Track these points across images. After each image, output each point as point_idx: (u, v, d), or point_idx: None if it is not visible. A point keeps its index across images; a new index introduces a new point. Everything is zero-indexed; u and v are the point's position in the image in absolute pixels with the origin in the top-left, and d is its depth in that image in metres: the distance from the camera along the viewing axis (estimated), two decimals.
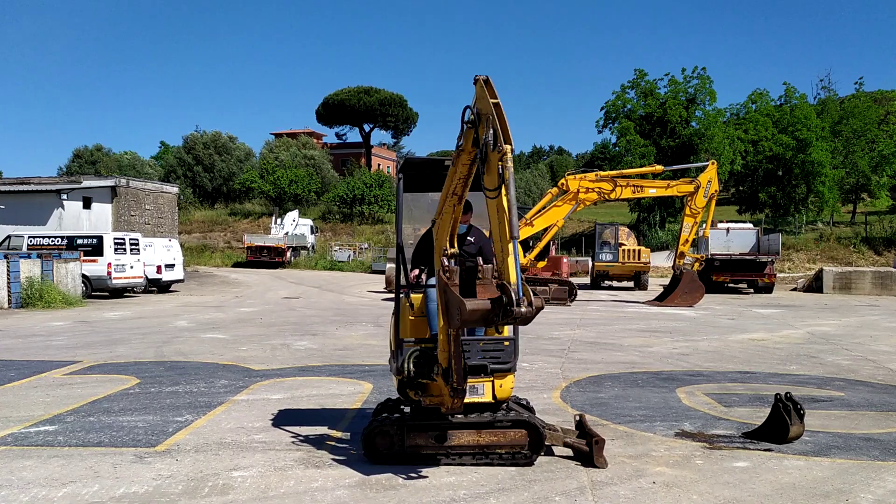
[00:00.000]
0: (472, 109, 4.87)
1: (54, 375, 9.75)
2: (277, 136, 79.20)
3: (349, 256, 44.90)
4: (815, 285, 30.06)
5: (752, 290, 28.77)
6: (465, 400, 5.59)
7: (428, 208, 6.91)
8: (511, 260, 4.53)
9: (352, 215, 56.82)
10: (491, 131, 4.59)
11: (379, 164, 76.48)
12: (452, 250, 5.43)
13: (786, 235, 39.91)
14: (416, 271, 6.12)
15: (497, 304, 4.51)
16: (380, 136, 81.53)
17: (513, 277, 4.50)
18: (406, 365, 5.63)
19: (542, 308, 4.56)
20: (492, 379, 5.70)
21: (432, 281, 6.03)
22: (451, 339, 5.24)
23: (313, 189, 60.49)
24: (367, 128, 76.42)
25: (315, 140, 78.01)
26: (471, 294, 4.86)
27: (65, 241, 23.38)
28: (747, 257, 28.30)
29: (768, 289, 28.17)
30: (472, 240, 6.32)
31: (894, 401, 8.48)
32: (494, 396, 5.73)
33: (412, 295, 6.07)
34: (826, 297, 26.92)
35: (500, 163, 4.51)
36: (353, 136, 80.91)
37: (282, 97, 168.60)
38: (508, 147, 4.52)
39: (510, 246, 4.51)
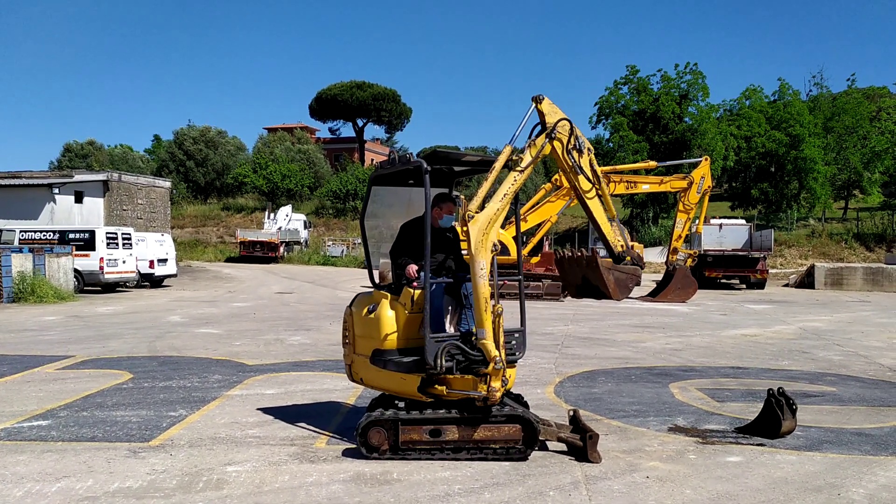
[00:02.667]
0: (550, 126, 5.84)
1: (47, 370, 9.72)
2: (271, 130, 78.96)
3: (342, 251, 44.85)
4: (806, 281, 30.19)
5: (744, 286, 28.89)
6: (466, 395, 5.67)
7: (405, 202, 6.90)
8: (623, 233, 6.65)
9: (345, 210, 56.73)
10: (578, 140, 5.87)
11: (372, 159, 76.30)
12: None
13: (778, 231, 40.06)
14: (415, 266, 6.05)
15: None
16: (373, 131, 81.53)
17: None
18: (439, 360, 5.55)
19: None
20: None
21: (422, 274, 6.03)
22: (501, 329, 5.56)
23: (306, 184, 60.39)
24: (360, 123, 76.27)
25: (309, 135, 77.85)
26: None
27: (56, 236, 23.29)
28: (740, 253, 28.41)
29: (760, 285, 28.29)
30: (451, 236, 6.39)
31: (885, 396, 8.54)
32: (488, 390, 5.75)
33: (407, 290, 6.01)
34: (818, 293, 27.05)
35: (591, 163, 6.03)
36: (347, 130, 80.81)
37: (275, 92, 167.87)
38: (592, 149, 5.96)
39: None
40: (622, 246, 6.07)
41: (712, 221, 30.43)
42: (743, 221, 33.94)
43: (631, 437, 6.56)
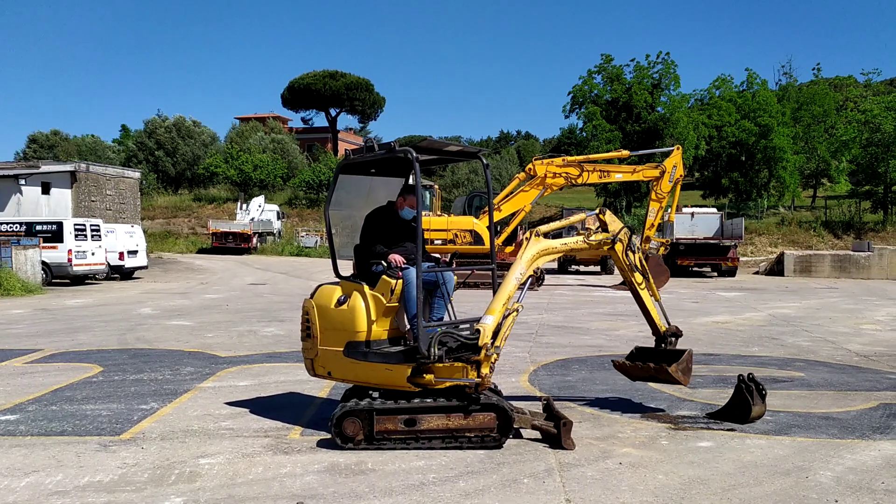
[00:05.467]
0: (614, 233, 6.96)
1: (14, 364, 9.55)
2: (243, 120, 78.11)
3: (316, 242, 44.53)
4: (776, 269, 30.65)
5: (715, 274, 29.24)
6: (457, 382, 5.72)
7: (365, 192, 6.87)
8: None
9: (318, 201, 56.32)
10: (632, 242, 7.03)
11: (346, 149, 75.53)
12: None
13: (748, 220, 40.59)
14: (399, 256, 6.03)
15: None
16: (346, 120, 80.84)
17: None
18: (433, 349, 5.55)
19: None
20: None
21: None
22: (510, 326, 5.87)
23: (279, 174, 59.85)
24: (333, 112, 75.69)
25: (281, 124, 77.15)
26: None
27: (23, 228, 22.85)
28: (711, 241, 28.72)
29: (731, 272, 28.65)
30: (414, 226, 6.40)
31: (852, 380, 8.70)
32: (479, 376, 5.81)
33: (386, 280, 5.97)
34: (787, 280, 27.47)
35: (640, 260, 7.20)
36: (320, 120, 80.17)
37: (247, 81, 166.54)
38: (640, 248, 7.29)
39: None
40: (665, 326, 7.23)
41: (684, 210, 30.74)
42: (714, 210, 34.31)
43: (604, 424, 6.62)
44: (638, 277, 7.09)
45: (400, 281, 5.90)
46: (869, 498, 4.80)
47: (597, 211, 7.13)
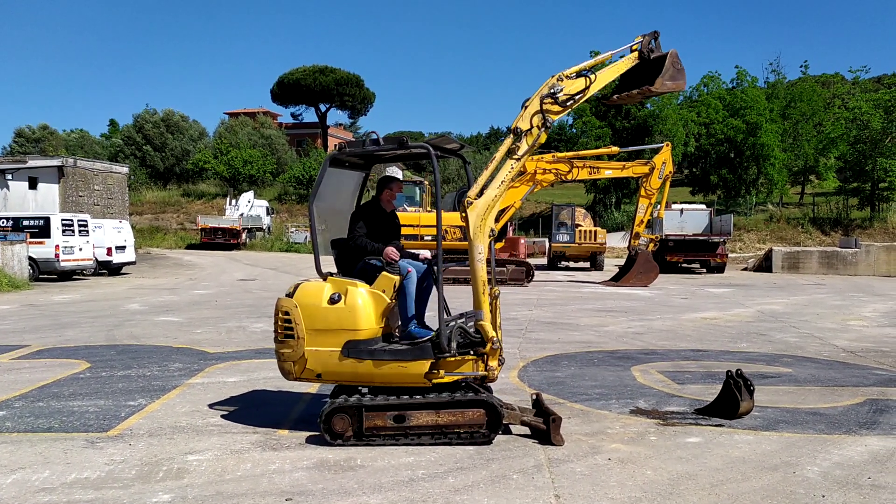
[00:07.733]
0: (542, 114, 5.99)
1: (1, 360, 9.48)
2: (232, 115, 77.70)
3: (305, 238, 44.40)
4: (764, 265, 30.81)
5: (704, 270, 29.36)
6: (465, 376, 5.79)
7: (337, 189, 6.86)
8: None
9: (308, 196, 56.12)
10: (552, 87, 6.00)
11: (336, 145, 75.63)
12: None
13: (737, 216, 40.75)
14: (394, 250, 6.03)
15: None
16: (336, 116, 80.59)
17: None
18: (451, 343, 5.61)
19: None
20: None
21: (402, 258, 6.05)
22: (498, 311, 5.84)
23: (268, 170, 59.63)
24: (323, 108, 75.41)
25: (271, 120, 76.84)
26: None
27: (10, 223, 22.67)
28: (700, 238, 28.84)
29: (720, 269, 28.78)
30: (397, 220, 6.67)
31: (839, 376, 8.76)
32: (487, 369, 5.85)
33: (386, 276, 5.96)
34: (775, 277, 27.62)
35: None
36: (309, 116, 79.82)
37: (236, 76, 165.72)
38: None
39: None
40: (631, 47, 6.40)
41: (673, 206, 30.82)
42: (703, 206, 34.44)
43: (593, 419, 6.63)
44: (583, 82, 6.17)
45: (399, 277, 5.93)
46: (855, 493, 4.83)
47: (512, 131, 6.04)
